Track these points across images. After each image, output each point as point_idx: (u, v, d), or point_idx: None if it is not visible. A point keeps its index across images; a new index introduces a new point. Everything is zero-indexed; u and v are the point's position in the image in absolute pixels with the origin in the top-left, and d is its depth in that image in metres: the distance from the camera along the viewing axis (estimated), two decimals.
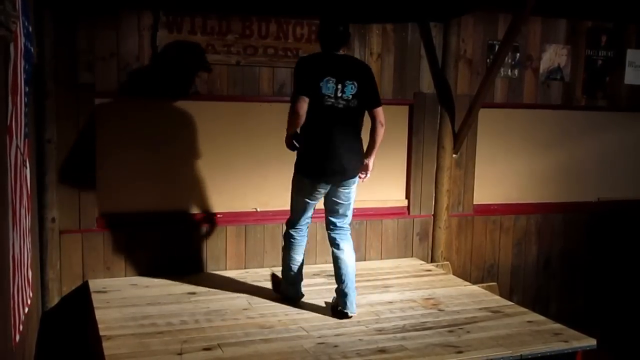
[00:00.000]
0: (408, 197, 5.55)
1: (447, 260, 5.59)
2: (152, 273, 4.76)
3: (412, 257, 5.56)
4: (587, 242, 6.10)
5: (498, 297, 4.74)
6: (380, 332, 3.81)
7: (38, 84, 4.25)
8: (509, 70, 5.67)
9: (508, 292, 5.78)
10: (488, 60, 5.53)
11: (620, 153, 6.20)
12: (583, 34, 5.89)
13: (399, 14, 5.24)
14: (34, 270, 3.89)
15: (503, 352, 3.58)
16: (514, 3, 4.76)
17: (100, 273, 4.69)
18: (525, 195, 5.92)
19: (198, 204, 4.94)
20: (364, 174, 4.13)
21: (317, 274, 4.88)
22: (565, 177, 6.03)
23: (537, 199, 5.96)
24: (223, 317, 4.00)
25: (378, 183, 4.56)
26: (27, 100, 3.17)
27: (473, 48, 5.54)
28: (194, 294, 4.41)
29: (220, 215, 4.99)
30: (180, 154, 4.84)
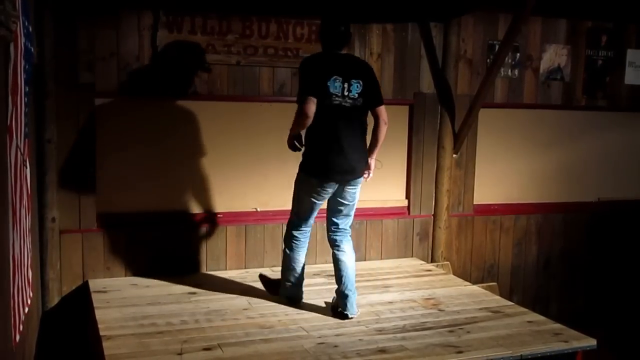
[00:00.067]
0: (408, 197, 5.55)
1: (447, 260, 5.58)
2: (152, 273, 4.75)
3: (412, 257, 5.56)
4: (587, 242, 6.10)
5: (498, 297, 4.74)
6: (381, 332, 3.81)
7: (38, 84, 4.25)
8: (509, 70, 5.67)
9: (508, 292, 5.78)
10: (488, 60, 5.53)
11: (621, 153, 6.20)
12: (583, 34, 5.89)
13: (399, 14, 5.24)
14: (34, 270, 3.89)
15: (503, 352, 3.58)
16: (514, 3, 4.76)
17: (100, 273, 4.69)
18: (526, 195, 5.92)
19: (198, 204, 4.94)
20: (367, 174, 4.12)
21: (317, 274, 4.88)
22: (566, 177, 6.03)
23: (537, 199, 5.96)
24: (223, 317, 4.00)
25: (378, 183, 4.56)
26: (27, 100, 3.17)
27: (473, 48, 5.53)
28: (194, 294, 4.40)
29: (221, 215, 4.99)
30: (181, 154, 4.84)
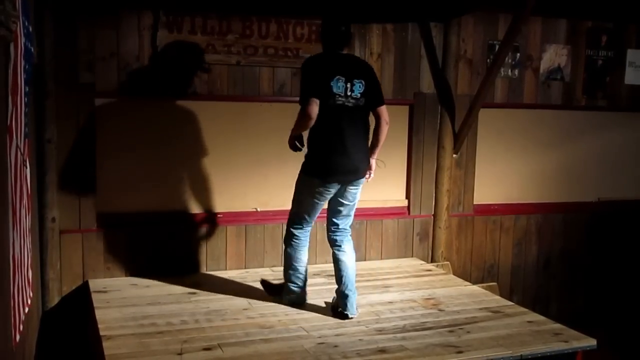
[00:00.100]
0: (408, 197, 5.55)
1: (447, 260, 5.58)
2: (152, 273, 4.75)
3: (412, 257, 5.56)
4: (587, 242, 6.10)
5: (498, 297, 4.74)
6: (381, 332, 3.81)
7: (38, 84, 4.25)
8: (509, 70, 5.67)
9: (508, 292, 5.78)
10: (488, 60, 5.53)
11: (621, 153, 6.20)
12: (583, 34, 5.89)
13: (399, 14, 5.24)
14: (34, 270, 3.89)
15: (503, 352, 3.58)
16: (514, 3, 4.76)
17: (100, 273, 4.69)
18: (526, 195, 5.92)
19: (198, 204, 4.94)
20: (369, 174, 4.11)
21: (317, 274, 4.87)
22: (566, 177, 6.03)
23: (537, 199, 5.96)
24: (223, 317, 4.00)
25: (378, 183, 4.56)
26: (27, 100, 3.17)
27: (473, 48, 5.53)
28: (194, 294, 4.40)
29: (221, 215, 4.99)
30: (181, 154, 4.85)
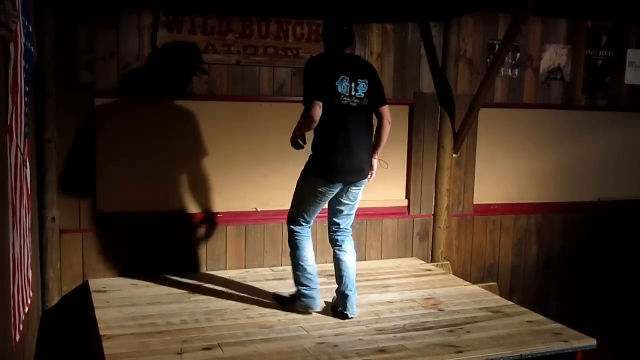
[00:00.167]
0: (408, 197, 5.55)
1: (447, 260, 5.58)
2: (152, 273, 4.75)
3: (412, 257, 5.56)
4: (587, 242, 6.10)
5: (498, 297, 4.74)
6: (381, 332, 3.81)
7: (38, 84, 4.25)
8: (510, 70, 5.67)
9: (508, 292, 5.78)
10: (488, 60, 5.53)
11: (621, 153, 6.19)
12: (583, 34, 5.89)
13: (399, 14, 5.24)
14: (34, 270, 3.89)
15: (503, 352, 3.58)
16: (514, 3, 4.75)
17: (101, 273, 4.69)
18: (526, 195, 5.92)
19: (198, 204, 4.94)
20: (371, 174, 4.09)
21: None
22: (566, 177, 6.03)
23: (537, 199, 5.95)
24: (223, 317, 4.00)
25: (378, 183, 4.56)
26: (27, 100, 3.17)
27: (473, 48, 5.53)
28: (194, 294, 4.40)
29: (221, 215, 4.99)
30: (181, 154, 4.84)
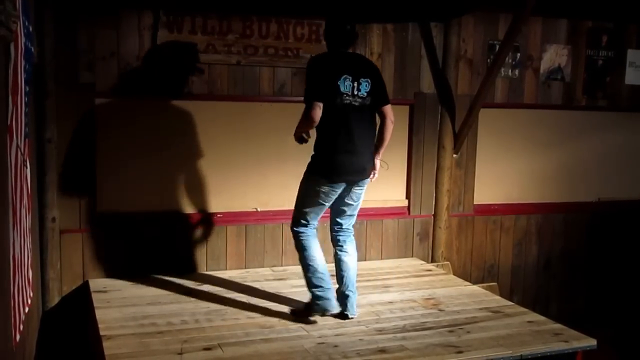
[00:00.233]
0: (408, 197, 5.55)
1: (447, 260, 5.58)
2: (152, 273, 4.75)
3: (412, 257, 5.56)
4: (587, 242, 6.10)
5: (498, 297, 4.74)
6: (381, 332, 3.81)
7: (38, 84, 4.25)
8: (510, 70, 5.67)
9: (508, 292, 5.78)
10: (488, 60, 5.53)
11: (621, 153, 6.19)
12: (583, 34, 5.89)
13: (400, 14, 5.24)
14: (34, 270, 3.89)
15: (503, 352, 3.58)
16: (515, 3, 4.75)
17: (101, 273, 4.69)
18: (526, 195, 5.92)
19: (198, 204, 4.94)
20: (373, 174, 4.06)
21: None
22: (566, 177, 6.03)
23: (537, 199, 5.95)
24: (223, 317, 4.00)
25: (378, 183, 4.55)
26: (27, 100, 3.17)
27: (473, 48, 5.53)
28: (194, 294, 4.40)
29: (221, 215, 4.99)
30: (181, 154, 4.84)
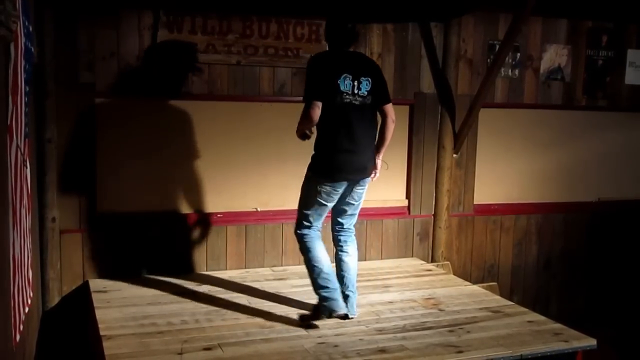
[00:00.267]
0: (408, 197, 5.55)
1: (447, 260, 5.58)
2: (152, 273, 4.76)
3: (412, 257, 5.56)
4: (587, 242, 6.10)
5: (498, 297, 4.74)
6: (381, 332, 3.81)
7: (38, 84, 4.25)
8: (510, 70, 5.67)
9: (508, 292, 5.78)
10: (488, 60, 5.53)
11: (621, 153, 6.19)
12: (583, 34, 5.89)
13: (400, 14, 5.24)
14: (34, 270, 3.89)
15: (503, 352, 3.58)
16: (515, 3, 4.75)
17: (101, 273, 4.69)
18: (526, 195, 5.92)
19: (198, 204, 4.94)
20: (374, 173, 4.06)
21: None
22: (566, 177, 6.03)
23: (537, 199, 5.95)
24: (223, 317, 4.00)
25: (378, 183, 4.56)
26: (27, 100, 3.17)
27: (473, 48, 5.53)
28: (194, 294, 4.40)
29: (221, 215, 4.99)
30: (181, 154, 4.84)
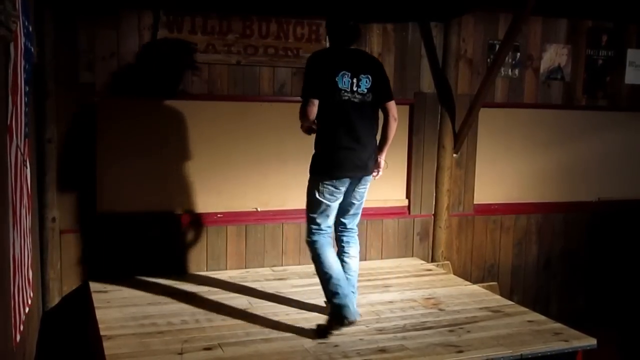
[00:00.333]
0: (408, 196, 5.55)
1: (447, 260, 5.58)
2: (152, 273, 4.75)
3: (412, 256, 5.56)
4: (587, 242, 6.10)
5: (498, 296, 4.74)
6: (381, 331, 3.81)
7: (38, 84, 4.25)
8: (510, 70, 5.67)
9: (508, 291, 5.78)
10: (488, 60, 5.53)
11: (621, 153, 6.19)
12: (583, 34, 5.89)
13: (400, 14, 5.24)
14: (35, 270, 3.89)
15: (503, 351, 3.58)
16: (515, 3, 4.75)
17: (101, 273, 4.68)
18: (526, 195, 5.92)
19: (198, 204, 4.94)
20: (377, 172, 4.03)
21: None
22: (566, 176, 6.03)
23: (537, 199, 5.95)
24: (223, 316, 3.99)
25: (379, 182, 4.56)
26: (27, 100, 3.17)
27: (473, 48, 5.53)
28: (194, 294, 4.40)
29: (221, 215, 4.99)
30: (181, 154, 4.84)
